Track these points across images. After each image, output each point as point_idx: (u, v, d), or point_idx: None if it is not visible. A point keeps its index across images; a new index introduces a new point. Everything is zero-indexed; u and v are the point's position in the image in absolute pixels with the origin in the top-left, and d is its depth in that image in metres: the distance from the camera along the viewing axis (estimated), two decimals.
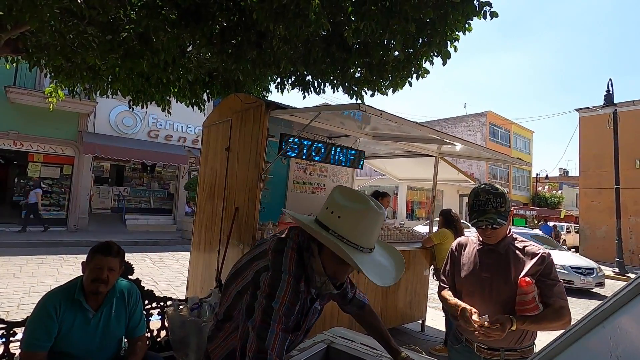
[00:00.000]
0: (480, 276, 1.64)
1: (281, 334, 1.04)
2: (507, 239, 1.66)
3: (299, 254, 1.17)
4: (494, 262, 1.63)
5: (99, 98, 9.89)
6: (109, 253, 1.81)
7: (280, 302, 1.07)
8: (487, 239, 1.65)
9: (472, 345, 1.64)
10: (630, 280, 1.02)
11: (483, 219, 1.56)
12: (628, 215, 13.87)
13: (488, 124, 27.24)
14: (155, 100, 4.27)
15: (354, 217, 1.11)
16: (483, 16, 2.42)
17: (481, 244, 1.70)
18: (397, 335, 4.44)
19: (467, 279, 1.68)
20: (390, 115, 2.53)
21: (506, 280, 1.59)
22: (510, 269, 1.59)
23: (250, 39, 2.87)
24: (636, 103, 14.76)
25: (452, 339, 1.80)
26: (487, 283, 1.61)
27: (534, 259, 1.58)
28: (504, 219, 1.57)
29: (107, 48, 2.99)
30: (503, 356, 1.58)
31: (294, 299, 1.11)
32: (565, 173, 40.30)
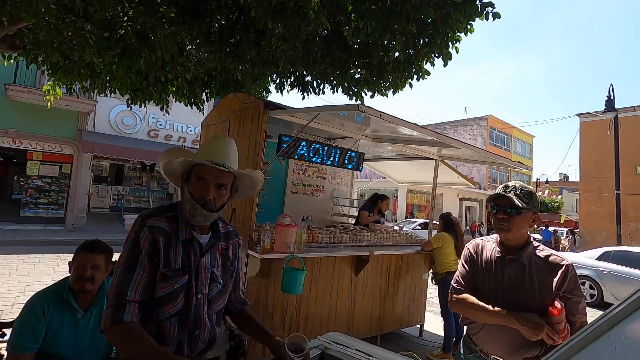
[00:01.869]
0: (501, 286, 1.53)
1: (123, 271, 1.15)
2: (529, 247, 1.55)
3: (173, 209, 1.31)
4: (516, 273, 1.52)
5: (99, 97, 9.88)
6: (92, 250, 1.77)
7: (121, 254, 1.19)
8: (501, 230, 1.53)
9: (488, 356, 1.56)
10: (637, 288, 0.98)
11: (499, 199, 1.52)
12: (628, 221, 13.83)
13: (489, 128, 27.25)
14: (154, 99, 4.25)
15: (204, 145, 1.36)
16: (485, 17, 2.38)
17: (500, 252, 1.58)
18: (395, 339, 4.39)
19: (484, 286, 1.57)
20: (390, 117, 2.49)
21: (531, 295, 1.48)
22: (534, 283, 1.49)
23: (249, 38, 2.83)
24: (637, 109, 14.75)
25: (464, 348, 1.69)
26: (509, 295, 1.51)
27: (560, 272, 1.48)
28: (521, 210, 1.48)
29: (105, 45, 2.96)
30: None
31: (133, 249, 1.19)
32: (565, 178, 40.28)
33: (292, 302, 3.25)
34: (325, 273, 3.51)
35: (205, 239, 1.31)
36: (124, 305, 1.11)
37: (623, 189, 12.46)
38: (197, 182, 1.24)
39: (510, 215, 1.50)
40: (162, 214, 1.25)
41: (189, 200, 1.23)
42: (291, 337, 1.28)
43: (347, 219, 5.86)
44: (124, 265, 1.17)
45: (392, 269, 4.15)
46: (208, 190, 1.23)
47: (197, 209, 1.21)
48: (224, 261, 1.37)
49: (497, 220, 1.55)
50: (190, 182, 1.26)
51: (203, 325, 1.26)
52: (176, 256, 1.21)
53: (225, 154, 1.29)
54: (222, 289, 1.35)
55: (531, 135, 32.60)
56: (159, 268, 1.18)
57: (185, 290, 1.22)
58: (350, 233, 4.02)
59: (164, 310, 1.19)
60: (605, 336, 0.96)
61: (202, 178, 1.24)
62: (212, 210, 1.24)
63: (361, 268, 3.74)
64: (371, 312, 3.96)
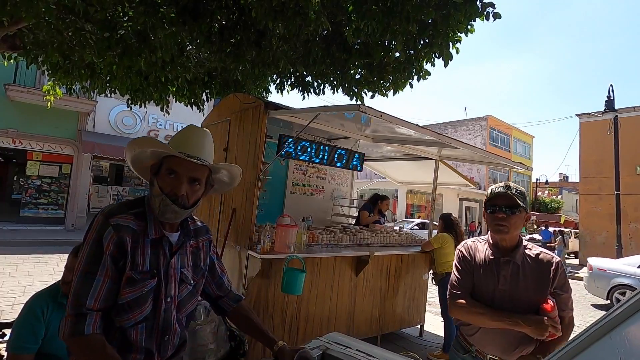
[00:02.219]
0: (497, 288, 1.53)
1: (82, 276, 1.04)
2: (521, 247, 1.56)
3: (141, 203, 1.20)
4: (511, 274, 1.52)
5: (99, 97, 9.88)
6: (77, 254, 1.76)
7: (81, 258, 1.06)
8: (500, 231, 1.51)
9: (484, 356, 1.56)
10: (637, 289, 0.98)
11: (499, 198, 1.50)
12: (628, 222, 13.82)
13: (488, 129, 27.26)
14: (154, 100, 4.25)
15: (184, 133, 1.22)
16: (486, 17, 2.38)
17: (494, 253, 1.57)
18: (396, 340, 4.38)
19: (480, 289, 1.56)
20: (390, 117, 2.49)
21: (526, 294, 1.50)
22: (529, 282, 1.50)
23: (249, 38, 2.83)
24: (637, 109, 14.74)
25: (458, 347, 1.68)
26: (506, 297, 1.51)
27: (551, 269, 1.51)
28: (519, 210, 1.49)
29: (105, 45, 2.96)
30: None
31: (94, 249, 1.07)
32: (565, 178, 40.28)
33: (292, 302, 3.25)
34: (326, 273, 3.51)
35: (175, 238, 1.21)
36: (84, 316, 1.01)
37: (623, 189, 12.45)
38: (168, 176, 1.14)
39: (509, 214, 1.49)
40: (128, 211, 1.14)
41: (158, 195, 1.13)
42: (302, 352, 1.23)
43: (347, 219, 5.86)
44: (83, 270, 1.05)
45: (392, 269, 4.15)
46: (180, 185, 1.13)
47: (167, 205, 1.11)
48: (195, 260, 1.27)
49: (495, 220, 1.51)
50: (161, 175, 1.16)
51: (172, 330, 1.18)
52: (144, 257, 1.11)
53: (199, 145, 1.19)
54: (193, 290, 1.25)
55: (531, 135, 32.61)
56: (124, 271, 1.08)
57: (153, 295, 1.12)
58: (350, 233, 4.01)
59: (130, 317, 1.08)
60: (607, 337, 0.96)
61: (174, 171, 1.14)
62: (184, 207, 1.14)
63: (361, 268, 3.74)
64: (371, 312, 3.96)
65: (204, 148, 1.19)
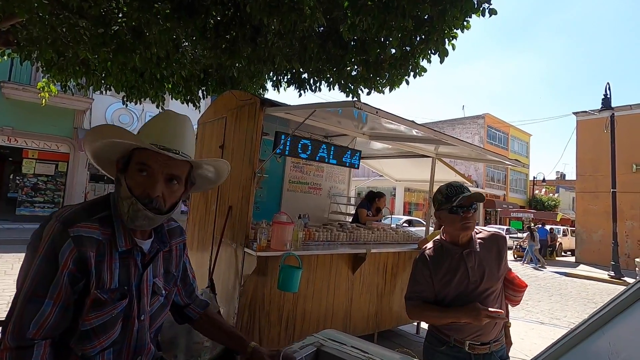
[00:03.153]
0: (469, 282, 1.60)
1: (27, 300, 0.83)
2: (473, 236, 1.67)
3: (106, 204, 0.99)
4: (476, 263, 1.61)
5: (95, 95, 9.83)
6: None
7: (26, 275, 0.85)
8: (469, 228, 1.60)
9: (463, 344, 1.60)
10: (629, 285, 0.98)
11: (471, 195, 1.57)
12: (624, 220, 13.89)
13: (486, 127, 27.29)
14: (150, 97, 4.23)
15: (160, 121, 1.01)
16: (482, 13, 2.38)
17: (457, 250, 1.63)
18: (393, 337, 4.39)
19: (456, 289, 1.61)
20: (386, 113, 2.48)
21: (495, 273, 1.62)
22: (492, 261, 1.63)
23: (245, 34, 2.82)
24: (634, 107, 14.80)
25: (434, 342, 1.71)
26: (478, 287, 1.59)
27: (500, 241, 1.68)
28: (478, 205, 1.65)
29: (99, 42, 2.94)
30: (492, 348, 1.61)
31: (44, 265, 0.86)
32: (562, 176, 40.42)
33: (288, 300, 3.25)
34: (322, 271, 3.51)
35: (147, 245, 1.01)
36: (28, 348, 0.81)
37: (619, 188, 12.51)
38: (138, 173, 0.93)
39: (473, 212, 1.60)
40: (92, 216, 0.92)
41: (127, 198, 0.91)
42: (286, 352, 1.18)
43: (344, 217, 5.86)
44: (29, 291, 0.83)
45: (389, 266, 4.15)
46: (154, 184, 0.92)
47: (138, 210, 0.90)
48: (167, 266, 1.09)
49: (465, 219, 1.59)
50: (130, 172, 0.94)
51: (146, 350, 1.02)
52: (112, 273, 0.91)
53: (179, 135, 0.98)
54: (164, 302, 1.08)
55: (528, 133, 32.68)
56: (84, 292, 0.88)
57: (124, 315, 0.94)
58: (347, 231, 4.01)
59: (96, 345, 0.90)
60: (600, 332, 0.97)
61: (147, 167, 0.93)
62: (159, 212, 0.94)
63: (358, 266, 3.73)
64: (368, 309, 3.96)
65: (184, 138, 0.99)
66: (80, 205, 0.98)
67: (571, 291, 9.37)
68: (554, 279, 11.22)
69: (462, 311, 1.53)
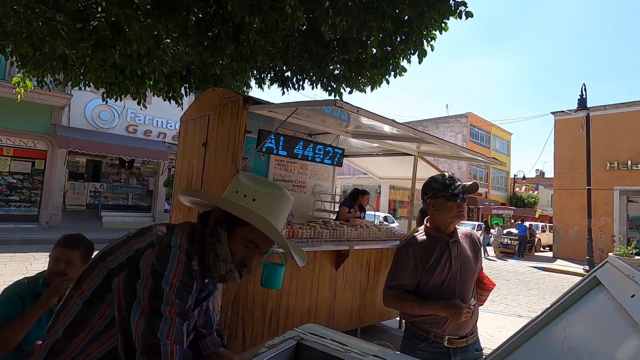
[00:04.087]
0: (451, 270, 1.65)
1: (177, 319, 0.88)
2: (455, 228, 1.74)
3: (189, 238, 1.02)
4: (459, 252, 1.68)
5: (74, 91, 9.56)
6: (67, 245, 1.73)
7: (171, 283, 0.88)
8: (462, 216, 1.66)
9: (442, 339, 1.63)
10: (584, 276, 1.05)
11: (471, 185, 1.64)
12: (599, 216, 14.42)
13: (469, 125, 27.81)
14: (130, 93, 4.15)
15: (269, 199, 1.06)
16: (459, 16, 2.44)
17: (443, 238, 1.69)
18: (376, 332, 4.47)
19: (438, 278, 1.65)
20: (367, 112, 2.53)
21: (474, 266, 1.70)
22: (471, 255, 1.71)
23: (227, 32, 2.81)
24: (608, 107, 15.35)
25: (412, 339, 1.73)
26: (458, 276, 1.65)
27: (477, 239, 1.79)
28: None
29: (77, 37, 2.88)
30: (469, 341, 1.67)
31: (187, 279, 0.93)
32: (541, 174, 41.57)
33: (272, 296, 3.27)
34: (306, 267, 3.54)
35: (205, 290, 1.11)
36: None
37: (594, 185, 12.98)
38: (245, 244, 1.02)
39: (465, 201, 1.68)
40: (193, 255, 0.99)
41: (227, 262, 1.00)
42: None
43: (328, 215, 5.90)
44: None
45: (372, 263, 4.22)
46: (254, 257, 1.04)
47: (233, 276, 1.01)
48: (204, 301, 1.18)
49: (460, 207, 1.65)
50: (236, 237, 1.02)
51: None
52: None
53: (285, 218, 1.10)
54: (190, 329, 1.15)
55: (509, 132, 33.48)
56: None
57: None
58: (330, 228, 4.05)
59: None
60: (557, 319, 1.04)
61: (254, 245, 1.03)
62: (241, 277, 1.04)
63: (341, 262, 3.79)
64: (351, 305, 4.02)
65: (283, 222, 1.10)
66: (185, 235, 1.01)
67: (548, 285, 9.69)
68: (532, 274, 11.58)
69: (443, 306, 1.57)
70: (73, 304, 0.96)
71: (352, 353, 1.56)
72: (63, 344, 0.94)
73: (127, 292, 0.89)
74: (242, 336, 3.08)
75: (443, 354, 1.64)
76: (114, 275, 0.93)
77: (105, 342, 0.94)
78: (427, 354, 1.64)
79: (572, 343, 0.82)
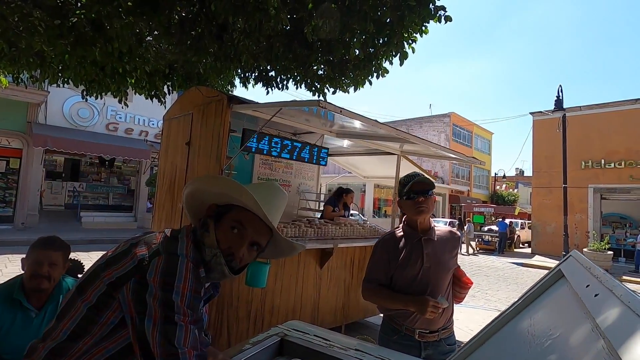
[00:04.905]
0: (422, 267, 1.70)
1: (191, 326, 0.90)
2: (433, 226, 1.78)
3: (194, 243, 1.02)
4: (432, 250, 1.72)
5: (51, 87, 9.27)
6: (49, 246, 1.69)
7: (182, 293, 0.89)
8: (422, 211, 1.69)
9: (413, 332, 1.71)
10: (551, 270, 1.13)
11: (417, 184, 1.68)
12: (574, 213, 14.95)
13: (452, 125, 28.32)
14: (111, 91, 4.07)
15: (267, 190, 1.09)
16: (438, 20, 2.52)
17: (416, 236, 1.73)
18: (359, 328, 4.54)
19: (409, 273, 1.71)
20: (350, 113, 2.58)
21: (446, 265, 1.74)
22: (446, 254, 1.75)
23: (211, 31, 2.80)
24: (583, 108, 15.92)
25: (387, 331, 1.81)
26: (431, 273, 1.70)
27: (456, 238, 1.82)
28: (432, 192, 1.72)
29: (56, 34, 2.81)
30: (441, 336, 1.73)
31: (197, 286, 0.94)
32: (521, 173, 42.70)
33: (257, 295, 3.29)
34: (290, 266, 3.57)
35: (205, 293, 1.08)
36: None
37: (570, 183, 13.45)
38: (230, 230, 1.01)
39: (427, 197, 1.69)
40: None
41: (212, 248, 0.99)
42: None
43: (313, 214, 5.94)
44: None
45: (356, 260, 4.29)
46: (241, 245, 1.01)
47: (219, 264, 0.98)
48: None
49: (417, 204, 1.70)
50: (222, 224, 1.02)
51: None
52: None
53: (279, 210, 1.09)
54: None
55: (490, 132, 34.27)
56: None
57: None
58: (315, 226, 4.09)
59: None
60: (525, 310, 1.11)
61: (242, 227, 1.01)
62: (233, 271, 1.01)
63: (326, 260, 3.83)
64: (336, 302, 4.08)
65: (279, 214, 1.09)
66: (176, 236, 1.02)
67: (527, 280, 10.01)
68: (512, 269, 11.94)
69: (412, 301, 1.63)
70: (76, 310, 0.96)
71: (334, 348, 1.61)
72: (67, 346, 0.94)
73: (137, 302, 0.89)
74: (227, 335, 3.09)
75: (414, 347, 1.70)
76: (121, 284, 0.93)
77: (110, 344, 0.94)
78: (400, 346, 1.70)
79: (536, 331, 0.89)
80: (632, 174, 14.38)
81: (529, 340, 0.89)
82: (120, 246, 1.02)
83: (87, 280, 0.99)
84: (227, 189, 1.02)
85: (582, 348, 0.64)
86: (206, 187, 1.07)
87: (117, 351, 0.94)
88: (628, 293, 0.60)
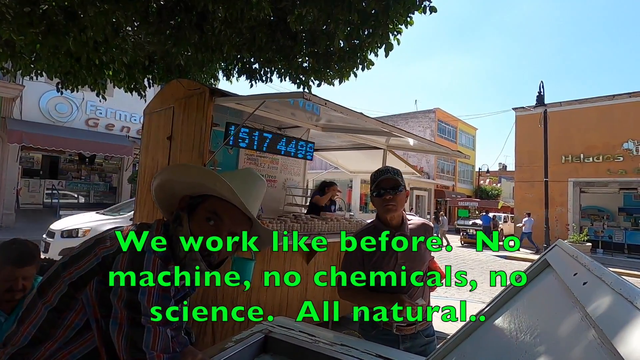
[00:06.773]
0: (397, 264, 1.69)
1: (160, 327, 0.83)
2: (405, 221, 1.74)
3: (166, 237, 0.94)
4: (407, 249, 1.68)
5: (27, 81, 8.92)
6: (23, 264, 1.60)
7: (148, 293, 0.82)
8: (390, 210, 1.65)
9: (391, 327, 1.70)
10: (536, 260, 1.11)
11: (384, 182, 1.64)
12: (555, 206, 15.35)
13: (437, 121, 28.63)
14: (88, 84, 3.92)
15: (244, 178, 1.04)
16: (423, 10, 2.50)
17: (388, 234, 1.70)
18: (347, 324, 4.54)
19: (385, 269, 1.69)
20: (335, 105, 2.54)
21: (422, 258, 1.73)
22: (421, 248, 1.72)
23: (190, 21, 2.70)
24: (563, 104, 16.30)
25: (366, 327, 1.79)
26: (407, 268, 1.68)
27: (429, 229, 1.79)
28: (403, 188, 1.67)
29: (25, 21, 2.67)
30: (418, 328, 1.72)
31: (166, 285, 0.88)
32: (504, 167, 43.59)
33: (242, 292, 3.23)
34: (277, 262, 3.53)
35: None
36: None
37: (551, 177, 13.78)
38: (205, 222, 0.94)
39: (394, 194, 1.64)
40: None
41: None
42: None
43: (300, 209, 5.90)
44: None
45: (342, 255, 4.26)
46: (219, 237, 0.94)
47: (194, 260, 0.92)
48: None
49: (385, 201, 1.65)
50: (196, 216, 0.95)
51: None
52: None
53: (257, 199, 1.02)
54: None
55: (474, 127, 34.81)
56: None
57: None
58: (301, 222, 4.05)
59: None
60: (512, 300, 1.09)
61: (218, 218, 0.94)
62: (210, 266, 0.95)
63: (312, 256, 3.80)
64: (323, 298, 4.05)
65: (258, 203, 1.03)
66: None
67: (510, 272, 10.22)
68: (495, 262, 12.18)
69: (388, 299, 1.62)
70: (37, 313, 0.89)
71: (320, 343, 1.58)
72: (28, 352, 0.87)
73: (101, 303, 0.83)
74: (212, 333, 3.03)
75: (392, 341, 1.69)
76: (83, 284, 0.86)
77: (75, 349, 0.88)
78: (379, 340, 1.68)
79: (523, 322, 0.87)
80: (609, 168, 14.84)
81: (515, 331, 0.87)
82: (85, 242, 0.94)
83: (48, 281, 0.91)
84: (200, 178, 0.95)
85: (572, 338, 0.62)
86: (176, 177, 0.99)
87: (83, 356, 0.88)
88: (618, 280, 0.58)
